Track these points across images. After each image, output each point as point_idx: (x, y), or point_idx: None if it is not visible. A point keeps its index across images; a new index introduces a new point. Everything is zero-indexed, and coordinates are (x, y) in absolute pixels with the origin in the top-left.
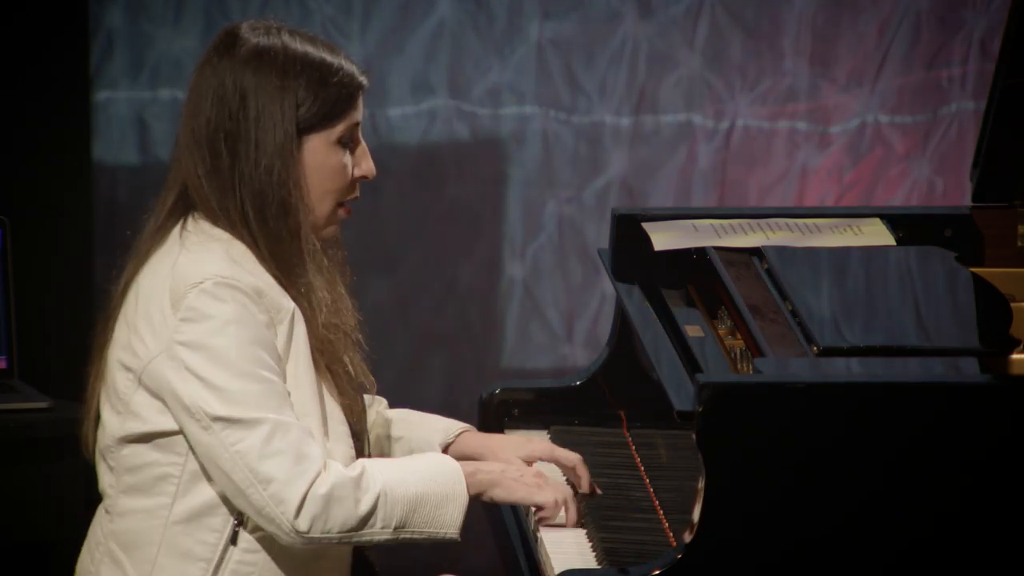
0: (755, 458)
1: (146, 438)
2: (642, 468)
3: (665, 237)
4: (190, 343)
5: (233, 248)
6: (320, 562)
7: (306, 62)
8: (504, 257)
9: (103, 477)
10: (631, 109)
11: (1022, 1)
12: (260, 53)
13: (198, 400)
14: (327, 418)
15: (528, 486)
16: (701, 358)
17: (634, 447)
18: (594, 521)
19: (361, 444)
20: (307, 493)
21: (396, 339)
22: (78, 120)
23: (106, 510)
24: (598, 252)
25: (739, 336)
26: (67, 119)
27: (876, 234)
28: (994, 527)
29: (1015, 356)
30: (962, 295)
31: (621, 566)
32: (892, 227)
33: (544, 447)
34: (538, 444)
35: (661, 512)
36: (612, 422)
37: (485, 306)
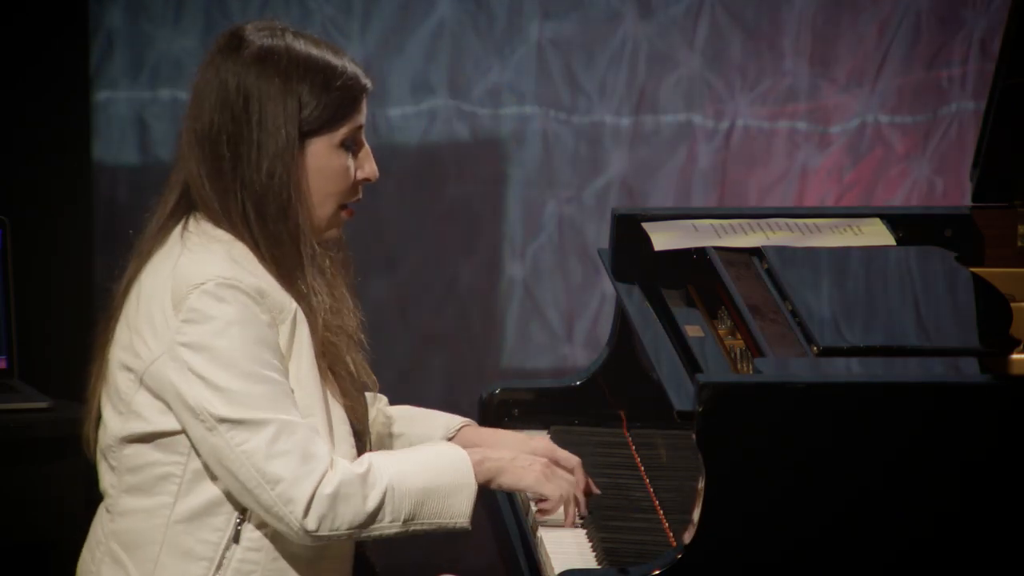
0: (755, 458)
1: (148, 438)
2: (642, 468)
3: (665, 237)
4: (193, 344)
5: (234, 249)
6: (323, 561)
7: (310, 65)
8: (504, 257)
9: (104, 477)
10: (631, 109)
11: (1022, 1)
12: (264, 55)
13: (202, 402)
14: (331, 418)
15: (536, 475)
16: (701, 358)
17: (634, 447)
18: (594, 521)
19: (363, 444)
20: (315, 492)
21: (396, 339)
22: (78, 120)
23: (107, 509)
24: (598, 252)
25: (739, 336)
26: (67, 119)
27: (876, 234)
28: (994, 527)
29: (1015, 356)
30: (962, 295)
31: (621, 566)
32: (892, 227)
33: (544, 447)
34: (538, 443)
35: (661, 512)
36: (612, 422)
37: (485, 306)
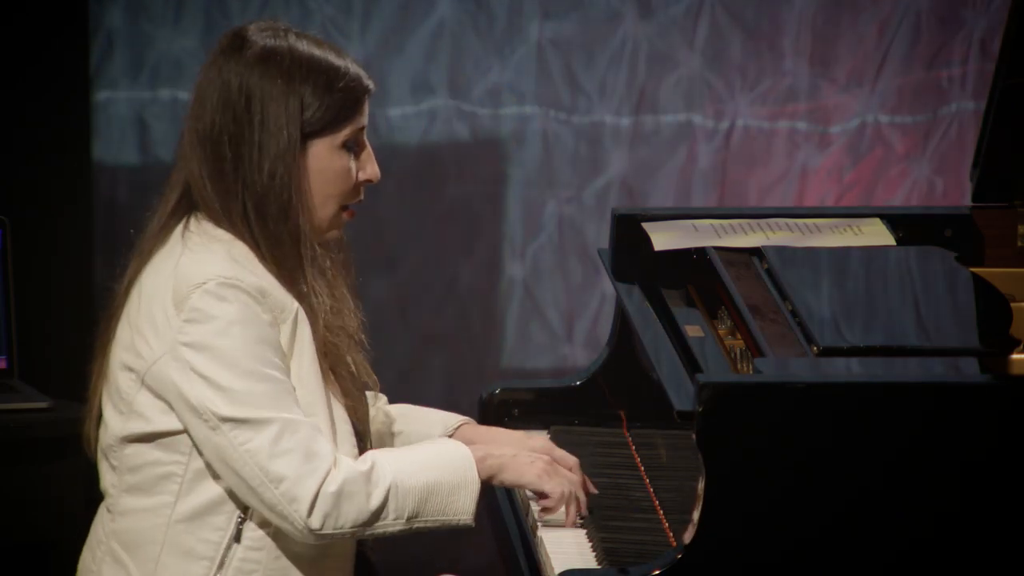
0: (755, 458)
1: (149, 438)
2: (642, 468)
3: (665, 237)
4: (195, 344)
5: (235, 248)
6: (325, 560)
7: (312, 66)
8: (504, 257)
9: (105, 476)
10: (631, 109)
11: (1022, 1)
12: (267, 55)
13: (205, 401)
14: (332, 417)
15: (538, 472)
16: (701, 358)
17: (634, 447)
18: (594, 521)
19: (364, 444)
20: (319, 490)
21: (396, 339)
22: (78, 120)
23: (108, 509)
24: (598, 252)
25: (739, 336)
26: (67, 119)
27: (876, 234)
28: (994, 527)
29: (1015, 356)
30: (962, 295)
31: (621, 566)
32: (892, 227)
33: (542, 446)
34: (536, 442)
35: (661, 512)
36: (612, 422)
37: (485, 306)
